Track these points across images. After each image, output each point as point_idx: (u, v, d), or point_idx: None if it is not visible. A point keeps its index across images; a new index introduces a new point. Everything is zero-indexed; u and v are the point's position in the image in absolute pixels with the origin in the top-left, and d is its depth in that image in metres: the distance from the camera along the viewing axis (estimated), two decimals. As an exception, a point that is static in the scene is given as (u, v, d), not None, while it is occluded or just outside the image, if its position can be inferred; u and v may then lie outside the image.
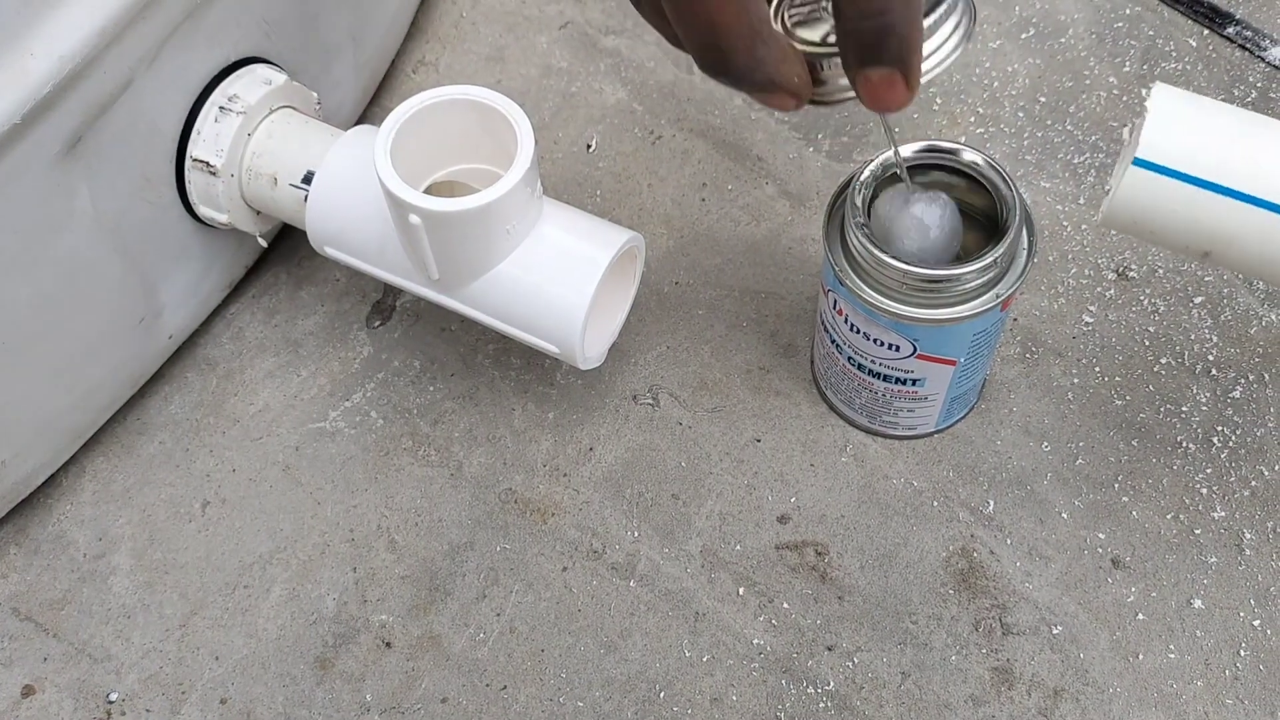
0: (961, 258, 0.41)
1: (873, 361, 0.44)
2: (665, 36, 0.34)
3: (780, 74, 0.32)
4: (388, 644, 0.46)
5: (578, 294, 0.43)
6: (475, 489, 0.49)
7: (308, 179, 0.46)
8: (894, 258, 0.39)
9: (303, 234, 0.47)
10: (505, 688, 0.45)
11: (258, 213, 0.49)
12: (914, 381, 0.45)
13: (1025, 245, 0.42)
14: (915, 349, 0.43)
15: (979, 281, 0.40)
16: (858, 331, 0.43)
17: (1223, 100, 0.40)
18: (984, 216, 0.42)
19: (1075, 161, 0.55)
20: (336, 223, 0.46)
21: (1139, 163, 0.34)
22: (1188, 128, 0.34)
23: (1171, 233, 0.35)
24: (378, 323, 0.54)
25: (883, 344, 0.43)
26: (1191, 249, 0.36)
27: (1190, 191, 0.34)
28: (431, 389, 0.52)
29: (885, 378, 0.45)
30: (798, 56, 0.33)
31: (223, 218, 0.48)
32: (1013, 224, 0.40)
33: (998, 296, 0.41)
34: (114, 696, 0.45)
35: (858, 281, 0.41)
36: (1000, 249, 0.39)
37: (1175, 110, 0.35)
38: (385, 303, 0.54)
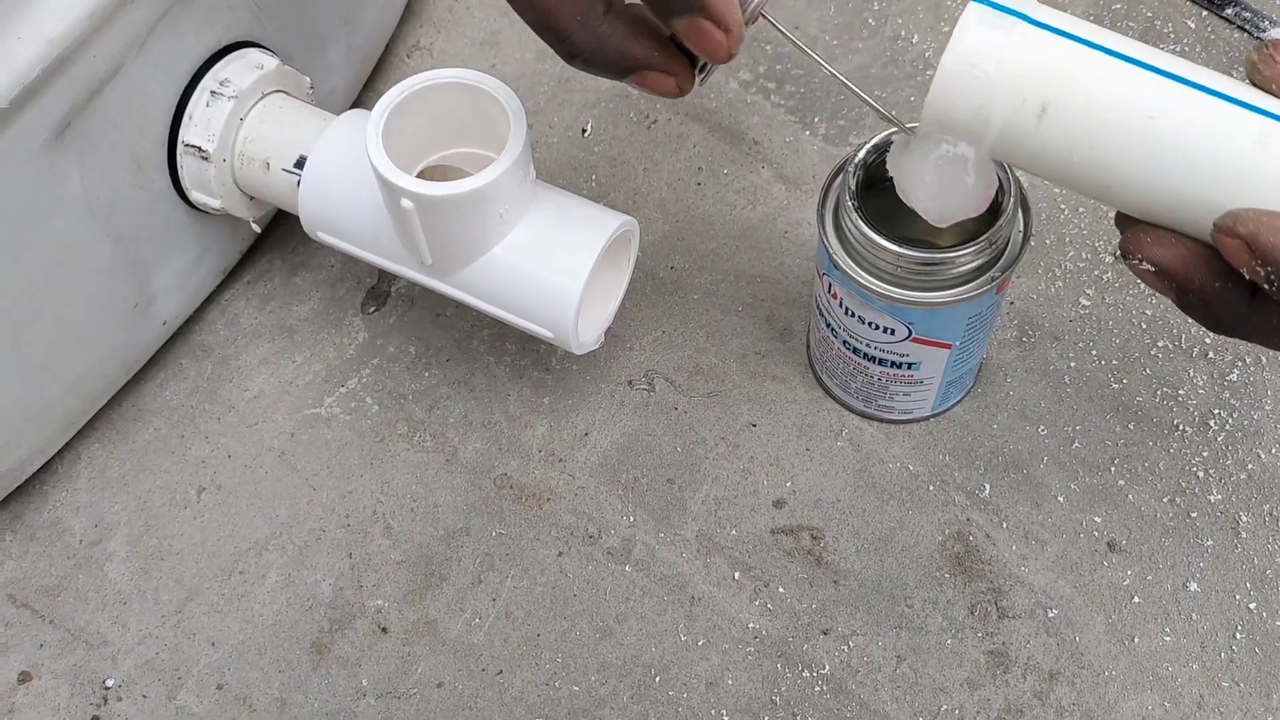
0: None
1: (868, 345, 0.44)
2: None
3: (632, 51, 0.32)
4: (384, 629, 0.46)
5: (571, 278, 0.43)
6: (470, 474, 0.49)
7: (300, 164, 0.46)
8: (889, 240, 0.39)
9: (297, 219, 0.47)
10: (501, 672, 0.45)
11: (251, 198, 0.49)
12: (909, 365, 0.44)
13: (1021, 227, 0.41)
14: (910, 332, 0.42)
15: (974, 264, 0.40)
16: (852, 315, 0.43)
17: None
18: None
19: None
20: (329, 208, 0.46)
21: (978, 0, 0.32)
22: None
23: (1009, 75, 0.31)
24: (372, 309, 0.53)
25: (878, 327, 0.43)
26: (1030, 100, 0.32)
27: (1029, 30, 0.32)
28: (426, 375, 0.52)
29: (880, 361, 0.45)
30: (656, 33, 0.32)
31: (216, 203, 0.48)
32: (1008, 206, 0.39)
33: (993, 280, 0.41)
34: (110, 682, 0.45)
35: (852, 265, 0.41)
36: (996, 231, 0.39)
37: None
38: (380, 288, 0.54)
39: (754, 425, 0.49)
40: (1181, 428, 0.48)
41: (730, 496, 0.48)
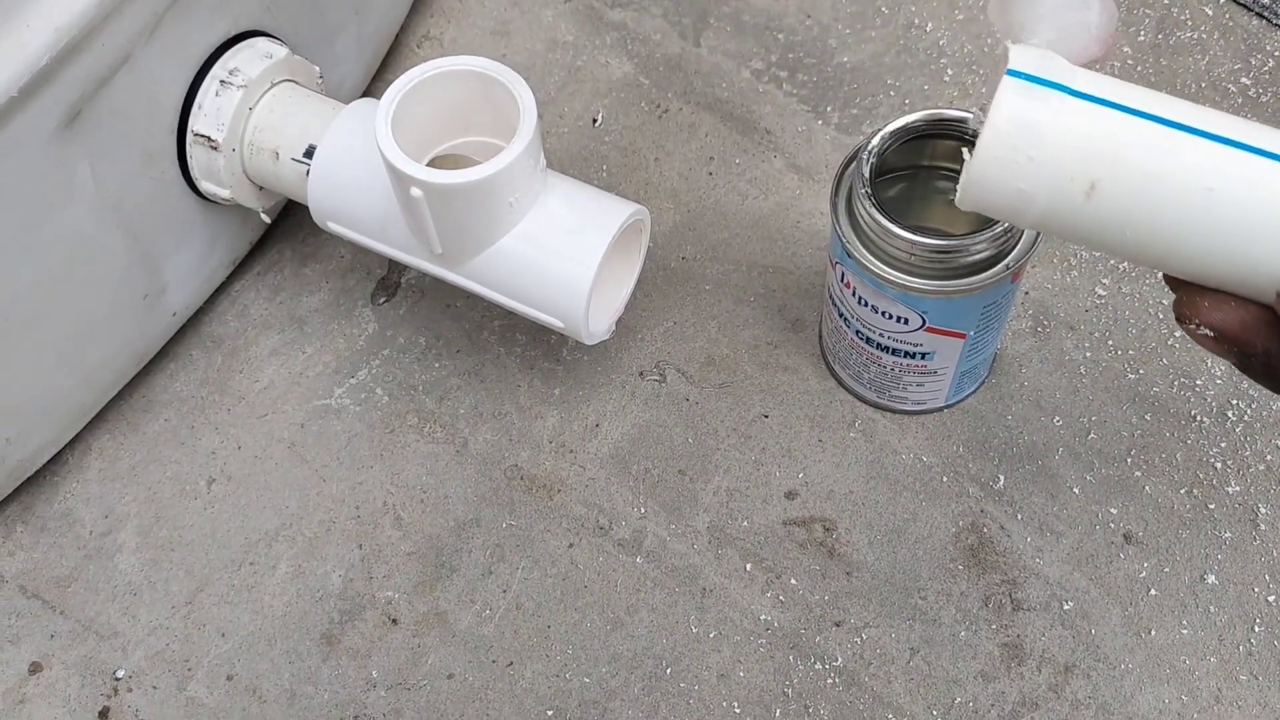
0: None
1: (881, 335, 0.44)
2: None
3: None
4: (394, 620, 0.46)
5: (582, 267, 0.43)
6: (481, 465, 0.49)
7: (309, 153, 0.46)
8: (903, 227, 0.39)
9: (306, 210, 0.47)
10: (511, 664, 0.45)
11: (260, 188, 0.49)
12: (923, 355, 0.44)
13: None
14: (924, 322, 0.42)
15: (989, 252, 0.40)
16: (866, 305, 0.43)
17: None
18: None
19: (1088, 132, 0.55)
20: (339, 197, 0.46)
21: (1013, 73, 0.29)
22: (1055, 63, 0.30)
23: (1054, 156, 0.29)
24: (382, 299, 0.53)
25: (891, 317, 0.42)
26: (1078, 178, 0.30)
27: (1073, 104, 0.29)
28: (437, 366, 0.51)
29: (894, 351, 0.44)
30: None
31: (225, 193, 0.48)
32: None
33: (1008, 268, 0.40)
34: (121, 673, 0.45)
35: (865, 253, 0.41)
36: None
37: (1038, 54, 0.31)
38: (390, 279, 0.54)
39: (766, 416, 0.49)
40: (1199, 419, 0.47)
41: (742, 488, 0.47)
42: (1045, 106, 0.29)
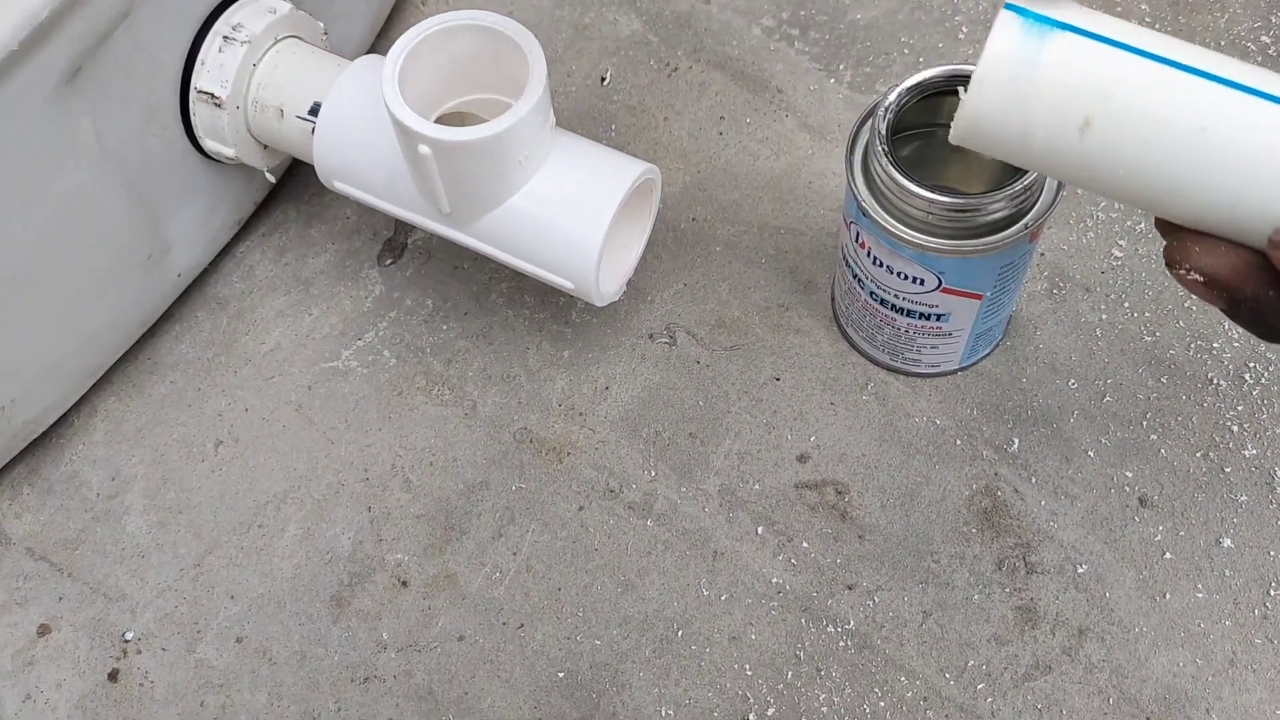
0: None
1: (895, 296, 0.43)
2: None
3: None
4: (404, 583, 0.46)
5: (592, 227, 0.42)
6: (490, 428, 0.48)
7: (314, 111, 0.45)
8: (920, 185, 0.38)
9: (312, 170, 0.46)
10: (522, 626, 0.44)
11: (265, 147, 0.48)
12: (938, 317, 0.43)
13: None
14: (940, 282, 0.41)
15: (1007, 211, 0.39)
16: (881, 265, 0.42)
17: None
18: None
19: (1106, 91, 0.54)
20: (345, 156, 0.45)
21: (1010, 7, 0.29)
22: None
23: (1049, 92, 0.29)
24: (389, 261, 0.53)
25: (906, 277, 0.42)
26: (1072, 115, 0.29)
27: (1069, 39, 0.29)
28: (445, 328, 0.51)
29: (908, 313, 0.44)
30: None
31: (229, 151, 0.47)
32: None
33: (1026, 227, 0.39)
34: (129, 635, 0.45)
35: (881, 212, 0.40)
36: (1030, 176, 0.38)
37: None
38: (397, 240, 0.53)
39: (777, 379, 0.49)
40: (1216, 381, 0.47)
41: (753, 451, 0.47)
42: (1041, 42, 0.29)
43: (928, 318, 0.44)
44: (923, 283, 0.42)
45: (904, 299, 0.43)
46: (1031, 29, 0.29)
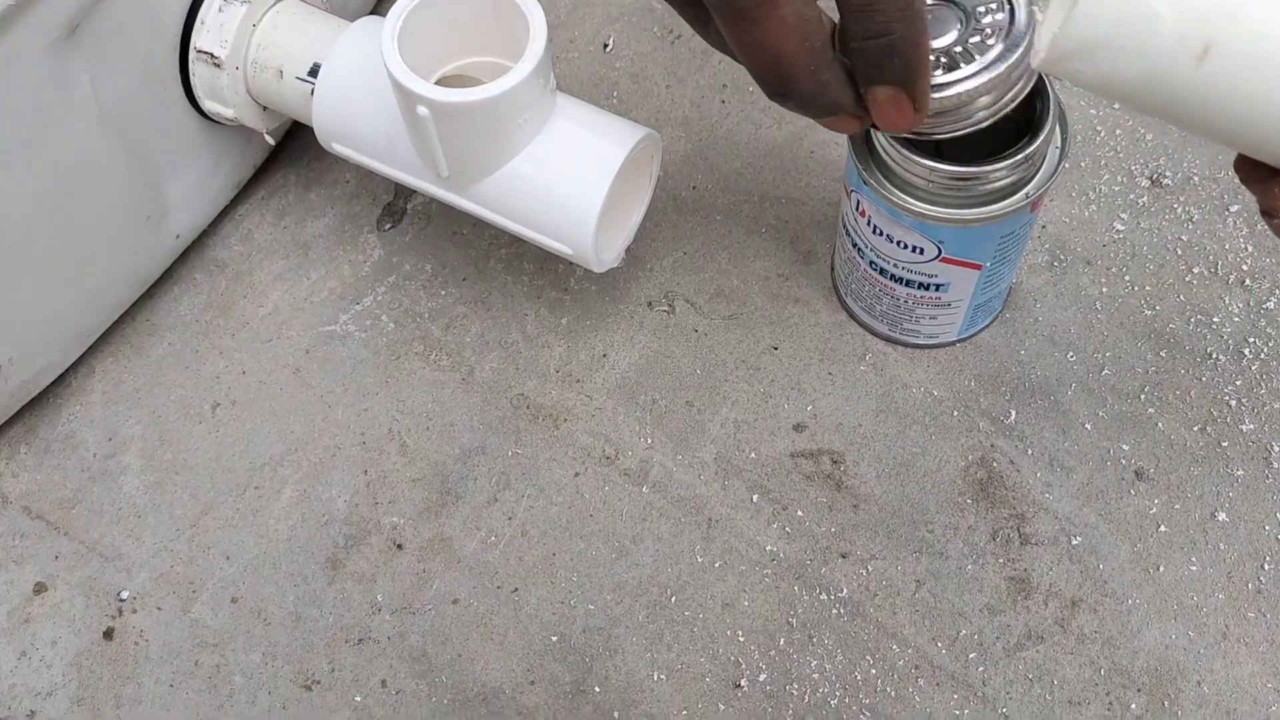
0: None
1: (895, 265, 0.43)
2: (730, 57, 0.34)
3: (843, 98, 0.33)
4: (399, 546, 0.46)
5: (592, 191, 0.42)
6: (487, 394, 0.48)
7: (314, 72, 0.45)
8: (921, 154, 0.38)
9: (312, 134, 0.46)
10: (516, 590, 0.45)
11: (264, 108, 0.48)
12: (937, 287, 0.43)
13: (1058, 143, 0.40)
14: (940, 252, 0.41)
15: (1009, 180, 0.39)
16: (881, 234, 0.42)
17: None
18: (1015, 114, 0.40)
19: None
20: (344, 117, 0.45)
21: None
22: None
23: (1171, 11, 0.26)
24: (388, 226, 0.52)
25: (906, 246, 0.41)
26: (1189, 39, 0.27)
27: None
28: (443, 293, 0.51)
29: (908, 283, 0.43)
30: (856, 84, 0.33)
31: (228, 112, 0.47)
32: (1046, 119, 0.38)
33: (1027, 197, 0.39)
34: (125, 594, 0.45)
35: (882, 180, 0.40)
36: (1033, 145, 0.38)
37: None
38: (396, 205, 0.53)
39: (775, 348, 0.48)
40: (1215, 356, 0.47)
41: (750, 419, 0.47)
42: None
43: (927, 288, 0.43)
44: (922, 252, 0.41)
45: (903, 268, 0.43)
46: None
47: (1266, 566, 0.43)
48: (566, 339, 0.49)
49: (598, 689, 0.43)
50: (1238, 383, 0.46)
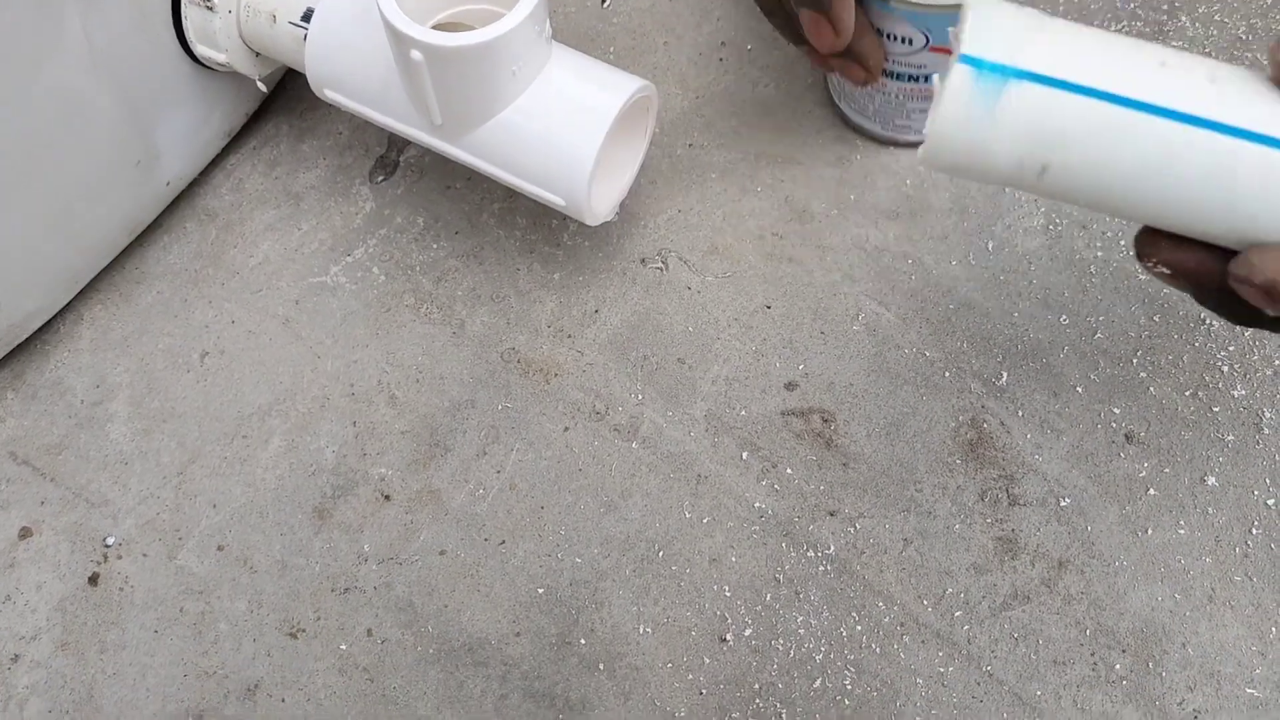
0: None
1: (887, 60, 0.44)
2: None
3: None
4: (386, 497, 0.45)
5: (586, 141, 0.42)
6: (477, 347, 0.48)
7: (307, 17, 0.44)
8: None
9: (305, 85, 0.46)
10: (504, 542, 0.44)
11: (257, 55, 0.48)
12: (926, 79, 0.45)
13: None
14: (928, 41, 0.43)
15: None
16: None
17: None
18: None
19: None
20: (337, 63, 0.44)
21: (965, 59, 0.30)
22: (1015, 23, 0.31)
23: (1005, 143, 0.31)
24: (381, 178, 0.52)
25: (896, 38, 0.43)
26: (1028, 162, 0.31)
27: (1022, 91, 0.30)
28: (435, 246, 0.50)
29: (898, 76, 0.45)
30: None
31: (221, 57, 0.46)
32: None
33: None
34: (111, 540, 0.45)
35: None
36: None
37: (996, 12, 0.31)
38: (389, 158, 0.52)
39: (768, 307, 0.48)
40: (1208, 321, 0.47)
41: (741, 377, 0.47)
42: (995, 98, 0.30)
43: (916, 79, 0.45)
44: (911, 43, 0.43)
45: (894, 61, 0.45)
46: (985, 85, 0.30)
47: (1254, 531, 0.43)
48: (558, 294, 0.49)
49: (583, 641, 0.43)
50: (1230, 349, 0.46)
